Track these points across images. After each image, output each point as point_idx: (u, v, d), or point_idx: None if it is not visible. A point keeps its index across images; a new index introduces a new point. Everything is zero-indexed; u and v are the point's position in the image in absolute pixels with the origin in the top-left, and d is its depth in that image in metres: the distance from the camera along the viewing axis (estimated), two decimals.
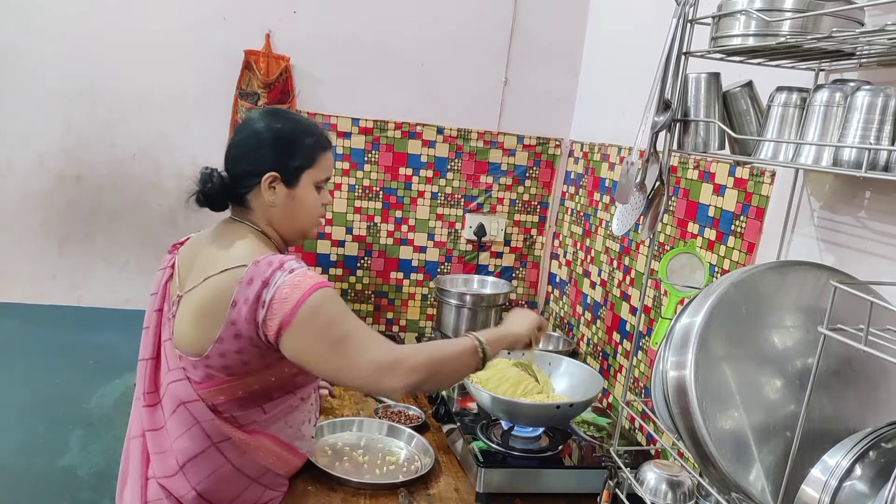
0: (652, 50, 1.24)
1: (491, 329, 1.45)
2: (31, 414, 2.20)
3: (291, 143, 1.37)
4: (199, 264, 1.36)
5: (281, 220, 1.40)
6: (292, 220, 1.41)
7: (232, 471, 1.33)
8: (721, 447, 0.95)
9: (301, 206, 1.40)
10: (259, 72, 2.10)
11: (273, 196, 1.36)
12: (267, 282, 1.24)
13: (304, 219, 1.43)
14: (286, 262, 1.27)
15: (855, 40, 0.93)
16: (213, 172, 1.38)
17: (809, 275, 1.04)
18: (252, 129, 1.38)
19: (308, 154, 1.39)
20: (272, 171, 1.35)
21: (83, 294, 2.19)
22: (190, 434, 1.31)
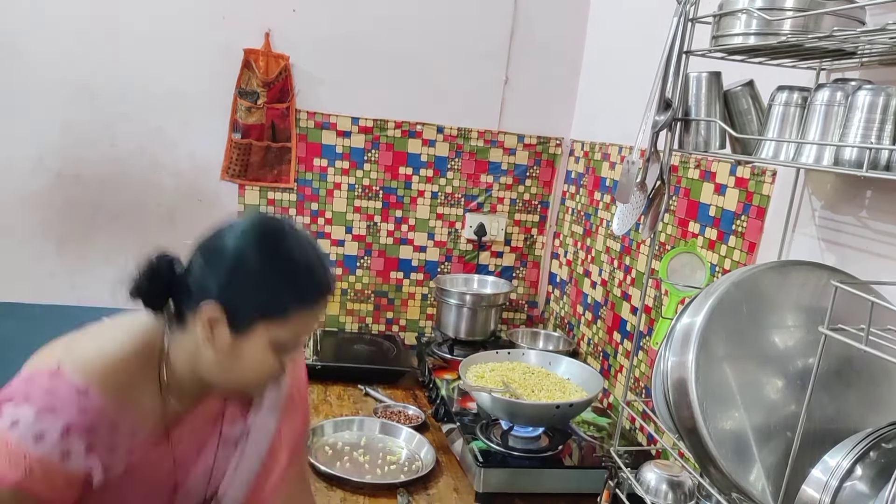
0: (652, 49, 1.23)
1: None
2: None
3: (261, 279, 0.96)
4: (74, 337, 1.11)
5: (211, 366, 0.99)
6: (227, 374, 1.00)
7: None
8: (722, 447, 0.95)
9: (242, 362, 0.98)
10: (258, 71, 2.10)
11: (208, 334, 0.96)
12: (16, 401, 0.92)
13: (242, 378, 1.01)
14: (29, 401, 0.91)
15: (856, 39, 0.93)
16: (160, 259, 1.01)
17: (810, 274, 1.04)
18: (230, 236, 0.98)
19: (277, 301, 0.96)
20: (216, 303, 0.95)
21: (82, 293, 2.19)
22: None
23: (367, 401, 1.92)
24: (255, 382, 1.04)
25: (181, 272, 1.00)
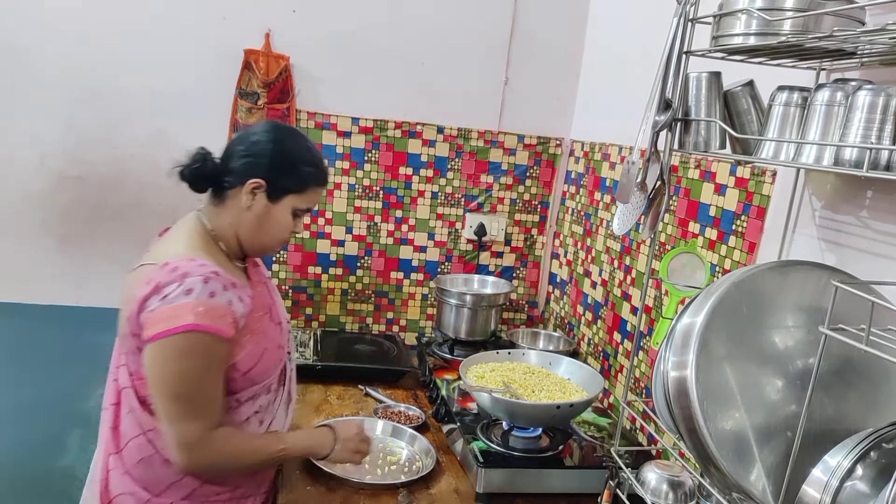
0: (652, 49, 1.23)
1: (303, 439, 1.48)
2: (31, 414, 2.19)
3: (292, 163, 1.38)
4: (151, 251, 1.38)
5: (248, 228, 1.38)
6: (258, 233, 1.39)
7: (161, 459, 1.33)
8: (722, 447, 0.95)
9: (272, 223, 1.39)
10: (259, 71, 2.10)
11: (252, 201, 1.36)
12: (160, 288, 1.22)
13: (269, 236, 1.40)
14: (189, 276, 1.23)
15: (856, 40, 0.93)
16: (207, 154, 1.38)
17: (811, 274, 1.04)
18: (262, 135, 1.38)
19: (302, 180, 1.39)
20: (261, 179, 1.35)
21: (83, 294, 2.19)
22: (128, 418, 1.35)
23: (367, 401, 1.92)
24: (277, 241, 1.42)
25: (219, 162, 1.39)
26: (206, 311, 1.22)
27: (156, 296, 1.22)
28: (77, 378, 2.21)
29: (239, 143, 1.40)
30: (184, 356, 1.23)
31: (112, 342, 2.19)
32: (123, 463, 1.35)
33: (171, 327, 1.20)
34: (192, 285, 1.22)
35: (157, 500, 1.35)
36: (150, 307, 1.22)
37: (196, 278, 1.22)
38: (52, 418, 2.20)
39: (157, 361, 1.24)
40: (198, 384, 1.26)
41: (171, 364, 1.24)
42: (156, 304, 1.22)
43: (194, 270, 1.23)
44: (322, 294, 2.36)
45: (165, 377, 1.24)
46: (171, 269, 1.24)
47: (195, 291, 1.22)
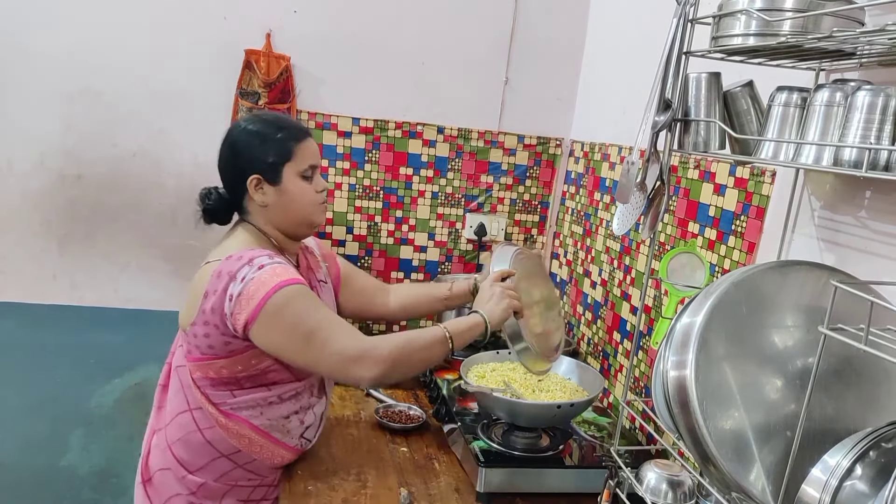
0: (652, 50, 1.24)
1: (461, 319, 1.51)
2: (32, 413, 2.20)
3: (262, 142, 1.43)
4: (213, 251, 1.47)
5: (278, 217, 1.46)
6: (289, 215, 1.46)
7: (201, 440, 1.43)
8: (721, 447, 0.95)
9: (292, 199, 1.45)
10: (260, 71, 2.10)
11: (263, 196, 1.44)
12: (234, 276, 1.32)
13: (299, 209, 1.46)
14: (256, 257, 1.34)
15: (855, 40, 0.93)
16: (210, 191, 1.49)
17: (810, 274, 1.04)
18: (229, 140, 1.46)
19: (281, 148, 1.43)
20: (253, 174, 1.42)
21: (84, 293, 2.19)
22: (177, 396, 1.46)
23: (368, 401, 1.92)
24: (311, 208, 1.47)
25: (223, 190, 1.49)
26: (284, 271, 1.34)
27: (233, 282, 1.32)
28: (77, 378, 2.21)
29: (220, 161, 1.48)
30: (288, 306, 1.32)
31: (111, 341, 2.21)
32: (166, 438, 1.47)
33: (263, 294, 1.30)
34: (262, 262, 1.33)
35: (191, 478, 1.45)
36: (234, 293, 1.31)
37: (262, 257, 1.34)
38: (53, 418, 2.21)
39: (270, 326, 1.31)
40: (316, 316, 1.35)
41: (282, 318, 1.31)
42: (239, 289, 1.31)
43: (257, 253, 1.35)
44: None
45: (285, 330, 1.32)
46: (236, 258, 1.34)
47: (267, 264, 1.33)
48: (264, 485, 1.51)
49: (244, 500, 1.49)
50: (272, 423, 1.45)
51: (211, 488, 1.46)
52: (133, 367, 2.25)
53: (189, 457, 1.45)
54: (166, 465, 1.47)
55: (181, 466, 1.45)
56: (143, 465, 1.52)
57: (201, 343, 1.38)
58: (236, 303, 1.31)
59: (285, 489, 1.47)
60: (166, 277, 2.21)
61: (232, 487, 1.47)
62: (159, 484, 1.48)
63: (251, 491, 1.49)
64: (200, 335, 1.38)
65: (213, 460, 1.44)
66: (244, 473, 1.47)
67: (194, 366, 1.41)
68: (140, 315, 2.22)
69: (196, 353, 1.40)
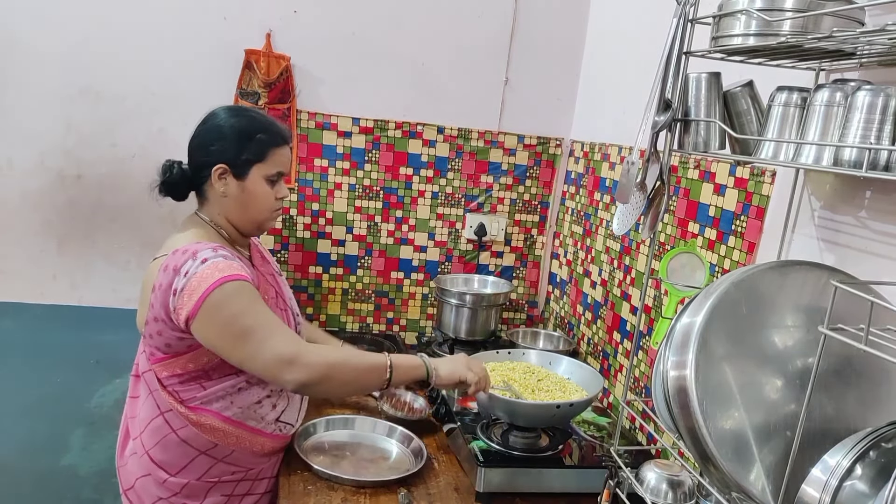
0: (652, 50, 1.24)
1: (410, 357, 1.49)
2: (32, 413, 2.20)
3: (243, 137, 1.44)
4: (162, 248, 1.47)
5: (234, 211, 1.47)
6: (244, 211, 1.47)
7: (177, 440, 1.42)
8: (721, 447, 0.95)
9: (252, 198, 1.46)
10: (260, 71, 2.10)
11: (224, 187, 1.44)
12: (178, 269, 1.32)
13: (255, 211, 1.48)
14: (200, 251, 1.34)
15: (855, 40, 0.93)
16: (172, 164, 1.48)
17: (810, 274, 1.04)
18: (210, 124, 1.47)
19: (258, 149, 1.45)
20: (221, 164, 1.43)
21: (84, 293, 2.19)
22: (147, 402, 1.45)
23: (368, 400, 1.92)
24: (267, 212, 1.49)
25: (186, 166, 1.48)
26: (226, 267, 1.33)
27: (177, 277, 1.31)
28: (77, 378, 2.21)
29: (193, 139, 1.48)
30: (227, 301, 1.31)
31: (111, 341, 2.21)
32: (143, 445, 1.44)
33: (204, 290, 1.29)
34: (205, 255, 1.33)
35: (174, 480, 1.44)
36: (178, 288, 1.31)
37: (206, 250, 1.34)
38: (54, 418, 2.21)
39: (208, 322, 1.30)
40: (253, 315, 1.33)
41: (222, 313, 1.30)
42: (182, 283, 1.30)
43: (202, 247, 1.35)
44: (322, 294, 2.36)
45: (222, 327, 1.31)
46: (181, 251, 1.34)
47: (210, 258, 1.32)
48: (249, 478, 1.49)
49: (229, 494, 1.48)
50: (244, 412, 1.44)
51: (193, 487, 1.44)
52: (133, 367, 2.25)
53: (168, 459, 1.43)
54: (145, 472, 1.45)
55: (161, 470, 1.43)
56: (122, 474, 1.52)
57: (158, 342, 1.38)
58: (179, 297, 1.31)
59: (284, 489, 1.47)
60: None
61: (215, 484, 1.46)
62: (141, 490, 1.47)
63: (235, 485, 1.48)
64: (155, 334, 1.37)
65: (193, 459, 1.43)
66: (226, 468, 1.46)
67: (160, 367, 1.40)
68: None
69: (158, 353, 1.39)
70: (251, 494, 1.51)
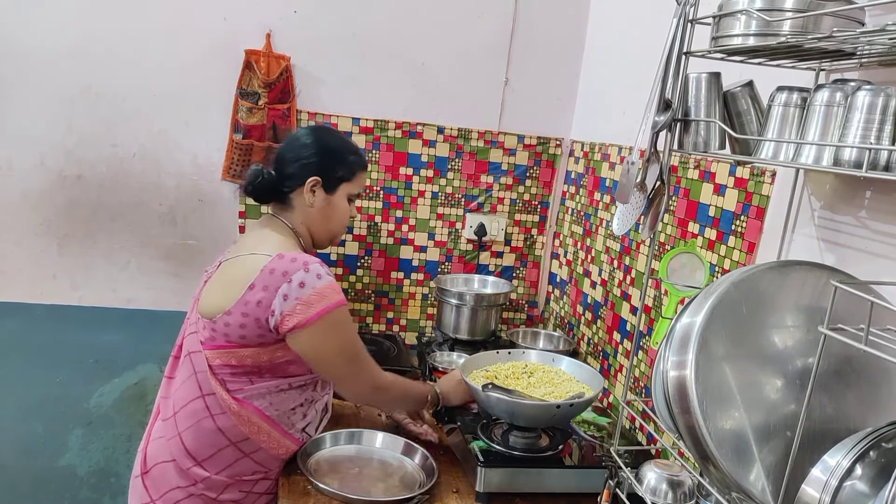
0: (652, 50, 1.24)
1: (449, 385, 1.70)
2: (31, 413, 2.20)
3: (339, 157, 1.58)
4: (242, 243, 1.56)
5: (316, 221, 1.59)
6: (325, 223, 1.60)
7: (212, 427, 1.45)
8: (721, 447, 0.95)
9: (335, 212, 1.60)
10: (260, 71, 2.10)
11: (313, 198, 1.56)
12: (289, 276, 1.38)
13: (335, 224, 1.62)
14: (311, 263, 1.41)
15: (855, 40, 0.93)
16: (262, 170, 1.57)
17: (810, 274, 1.04)
18: (306, 139, 1.58)
19: (349, 169, 1.59)
20: (316, 176, 1.54)
21: (84, 293, 2.19)
22: (187, 383, 1.48)
23: None
24: (342, 227, 1.65)
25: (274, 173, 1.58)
26: (339, 289, 1.44)
27: (287, 284, 1.38)
28: (77, 378, 2.21)
29: (288, 151, 1.59)
30: (345, 324, 1.46)
31: (111, 341, 2.21)
32: (177, 426, 1.48)
33: (326, 306, 1.39)
34: (318, 270, 1.41)
35: (195, 470, 1.45)
36: (290, 295, 1.38)
37: (316, 264, 1.42)
38: (53, 418, 2.21)
39: (325, 336, 1.42)
40: (359, 343, 1.52)
41: (339, 334, 1.45)
42: (296, 293, 1.38)
43: (309, 259, 1.43)
44: None
45: (339, 345, 1.46)
46: (289, 258, 1.41)
47: (323, 275, 1.41)
48: (268, 478, 1.52)
49: (246, 492, 1.50)
50: (279, 414, 1.49)
51: (213, 481, 1.46)
52: (132, 366, 2.25)
53: (198, 445, 1.45)
54: (169, 457, 1.47)
55: (188, 456, 1.45)
56: (142, 457, 1.54)
57: (233, 332, 1.41)
58: (292, 305, 1.37)
59: (284, 488, 1.47)
60: (166, 277, 2.21)
61: (235, 481, 1.47)
62: (158, 477, 1.48)
63: (254, 484, 1.50)
64: (235, 324, 1.40)
65: (221, 450, 1.45)
66: (250, 465, 1.48)
67: (215, 353, 1.44)
68: (139, 315, 2.22)
69: (222, 340, 1.43)
70: (268, 494, 1.53)
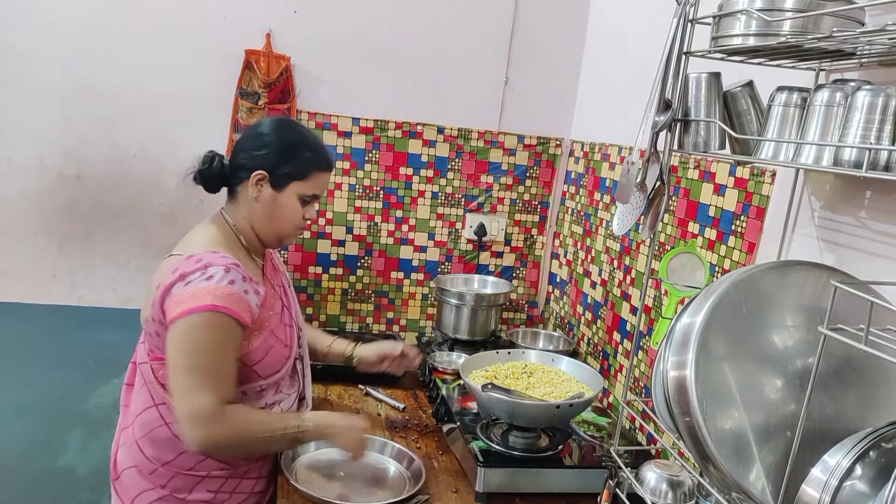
0: (652, 50, 1.24)
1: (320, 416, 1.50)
2: (31, 413, 2.19)
3: (291, 152, 1.46)
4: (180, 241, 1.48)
5: (261, 218, 1.48)
6: (270, 222, 1.49)
7: (168, 434, 1.42)
8: (721, 447, 0.95)
9: (280, 211, 1.47)
10: (260, 71, 2.10)
11: (257, 193, 1.46)
12: (185, 277, 1.33)
13: (281, 224, 1.49)
14: (212, 266, 1.34)
15: (855, 40, 0.93)
16: (214, 156, 1.50)
17: (810, 275, 1.04)
18: (261, 129, 1.49)
19: (302, 166, 1.46)
20: (262, 170, 1.44)
21: (83, 293, 2.19)
22: (141, 392, 1.46)
23: (367, 400, 1.92)
24: (290, 228, 1.50)
25: (227, 162, 1.50)
26: (225, 296, 1.32)
27: (180, 282, 1.32)
28: (77, 378, 2.21)
29: (242, 140, 1.51)
30: (201, 330, 1.31)
31: (111, 341, 2.21)
32: (133, 434, 1.45)
33: (192, 306, 1.30)
34: (214, 272, 1.33)
35: (162, 470, 1.44)
36: (173, 293, 1.32)
37: (218, 267, 1.33)
38: (53, 418, 2.20)
39: (176, 337, 1.32)
40: (211, 357, 1.33)
41: (189, 337, 1.31)
42: (179, 290, 1.32)
43: (216, 261, 1.35)
44: (322, 294, 2.36)
45: (182, 350, 1.32)
46: (195, 259, 1.34)
47: (216, 277, 1.32)
48: (237, 476, 1.48)
49: (216, 490, 1.46)
50: None
51: (180, 480, 1.44)
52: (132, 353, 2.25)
53: (157, 452, 1.43)
54: (133, 463, 1.46)
55: (149, 461, 1.44)
56: (112, 464, 1.53)
57: (157, 342, 1.38)
58: (171, 300, 1.32)
59: (283, 488, 1.47)
60: None
61: (202, 479, 1.45)
62: (127, 481, 1.47)
63: (223, 482, 1.46)
64: (153, 333, 1.38)
65: (181, 454, 1.43)
66: (213, 464, 1.44)
67: (157, 364, 1.40)
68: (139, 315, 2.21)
69: (156, 351, 1.40)
70: (238, 493, 1.49)
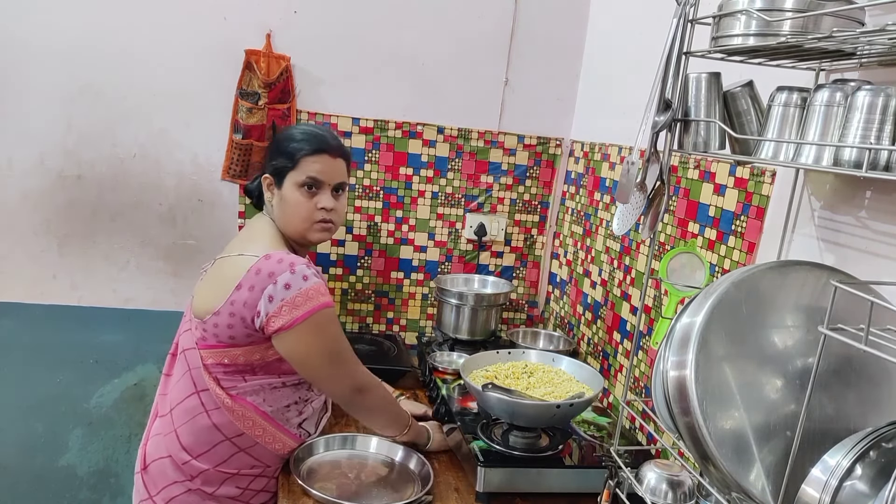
0: (652, 50, 1.24)
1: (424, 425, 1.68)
2: (31, 413, 2.20)
3: (280, 148, 1.52)
4: (235, 241, 1.56)
5: (280, 221, 1.53)
6: (286, 221, 1.52)
7: (207, 423, 1.45)
8: (721, 447, 0.95)
9: (288, 206, 1.51)
10: (260, 71, 2.10)
11: (270, 196, 1.53)
12: (274, 278, 1.36)
13: (293, 217, 1.51)
14: (297, 265, 1.39)
15: (855, 40, 0.93)
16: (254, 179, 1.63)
17: (810, 274, 1.04)
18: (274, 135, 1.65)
19: (290, 156, 1.50)
20: (267, 174, 1.53)
21: (84, 294, 2.19)
22: (183, 380, 1.49)
23: None
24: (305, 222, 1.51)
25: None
26: (325, 290, 1.42)
27: (272, 285, 1.36)
28: (77, 378, 2.21)
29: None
30: (329, 324, 1.42)
31: (111, 341, 2.21)
32: (172, 422, 1.47)
33: (311, 307, 1.37)
34: (304, 272, 1.38)
35: (193, 463, 1.45)
36: (275, 296, 1.36)
37: (302, 266, 1.39)
38: (53, 418, 2.21)
39: (309, 337, 1.40)
40: (344, 341, 1.48)
41: (323, 334, 1.41)
42: (282, 294, 1.36)
43: (295, 259, 1.41)
44: None
45: (323, 345, 1.43)
46: (276, 259, 1.39)
47: (310, 276, 1.39)
48: (265, 475, 1.52)
49: (243, 488, 1.50)
50: (274, 410, 1.50)
51: (209, 476, 1.46)
52: (132, 367, 2.25)
53: (193, 441, 1.46)
54: (166, 453, 1.48)
55: (184, 452, 1.46)
56: (141, 455, 1.54)
57: (222, 332, 1.41)
58: (276, 307, 1.36)
59: (284, 488, 1.47)
60: (166, 277, 2.21)
61: (232, 476, 1.48)
62: (155, 472, 1.49)
63: (251, 480, 1.50)
64: (223, 325, 1.40)
65: (216, 445, 1.46)
66: (246, 460, 1.48)
67: (208, 352, 1.44)
68: (139, 315, 2.22)
69: (212, 340, 1.43)
70: (265, 492, 1.53)
